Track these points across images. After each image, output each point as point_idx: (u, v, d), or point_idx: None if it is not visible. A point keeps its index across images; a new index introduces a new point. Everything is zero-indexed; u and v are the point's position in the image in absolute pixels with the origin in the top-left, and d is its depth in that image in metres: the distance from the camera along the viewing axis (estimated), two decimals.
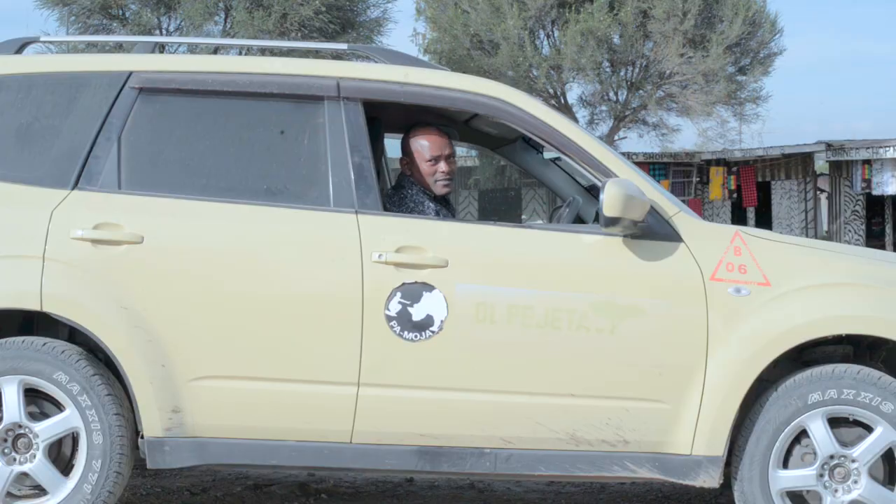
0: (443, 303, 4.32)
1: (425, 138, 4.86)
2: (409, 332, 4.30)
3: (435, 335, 4.31)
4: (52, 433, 4.39)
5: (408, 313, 4.30)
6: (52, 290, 4.36)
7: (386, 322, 4.30)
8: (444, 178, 4.84)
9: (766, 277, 4.35)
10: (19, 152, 4.55)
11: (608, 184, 4.21)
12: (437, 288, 4.32)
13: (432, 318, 4.31)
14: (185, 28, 17.40)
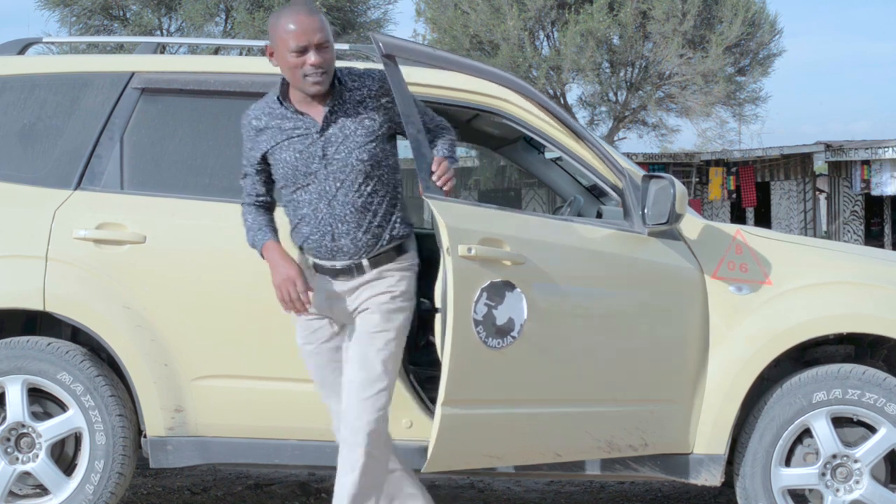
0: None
1: (290, 20, 3.81)
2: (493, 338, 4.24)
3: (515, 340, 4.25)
4: (55, 433, 4.40)
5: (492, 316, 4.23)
6: (55, 289, 4.37)
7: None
8: (315, 72, 3.81)
9: (767, 276, 4.35)
10: (22, 153, 4.56)
11: (652, 181, 4.21)
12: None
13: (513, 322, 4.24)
14: (186, 29, 17.41)
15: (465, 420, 3.97)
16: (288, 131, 3.91)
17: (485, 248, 3.95)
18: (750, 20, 20.26)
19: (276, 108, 3.94)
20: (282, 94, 3.93)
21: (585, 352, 4.22)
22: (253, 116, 3.98)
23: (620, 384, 4.29)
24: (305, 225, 3.91)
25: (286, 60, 3.84)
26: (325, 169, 3.87)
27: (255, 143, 3.97)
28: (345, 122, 3.89)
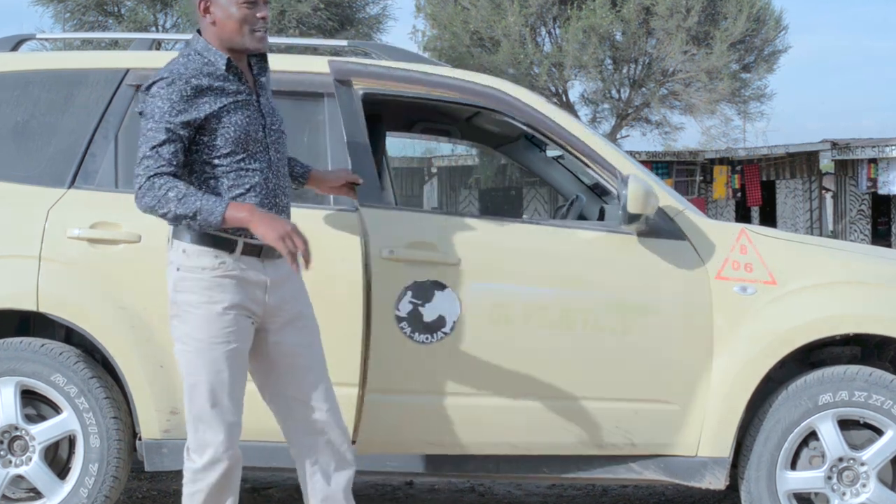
0: (456, 302, 4.25)
1: None
2: (420, 333, 4.24)
3: (447, 336, 4.24)
4: (48, 436, 4.35)
5: (419, 313, 4.24)
6: (49, 290, 4.32)
7: (395, 323, 4.24)
8: (264, 26, 3.68)
9: (772, 276, 4.30)
10: (15, 150, 4.52)
11: (631, 179, 4.14)
12: (448, 287, 4.25)
13: (444, 319, 4.25)
14: (182, 25, 17.41)
15: (389, 407, 4.21)
16: (233, 94, 3.64)
17: (407, 251, 4.23)
18: (755, 16, 20.21)
19: (216, 69, 3.63)
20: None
21: (535, 349, 4.27)
22: (190, 75, 3.57)
23: (587, 382, 4.28)
24: (255, 195, 3.64)
25: (231, 12, 3.60)
26: (267, 138, 3.72)
27: (193, 104, 3.54)
28: (267, 93, 3.80)
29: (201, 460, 3.64)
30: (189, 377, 3.63)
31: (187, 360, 3.63)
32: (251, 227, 3.51)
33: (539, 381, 4.29)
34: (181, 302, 3.62)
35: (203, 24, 3.69)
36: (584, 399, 4.30)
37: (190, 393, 3.64)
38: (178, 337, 3.65)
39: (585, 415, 4.31)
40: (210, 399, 3.61)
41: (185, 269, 3.61)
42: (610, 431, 4.30)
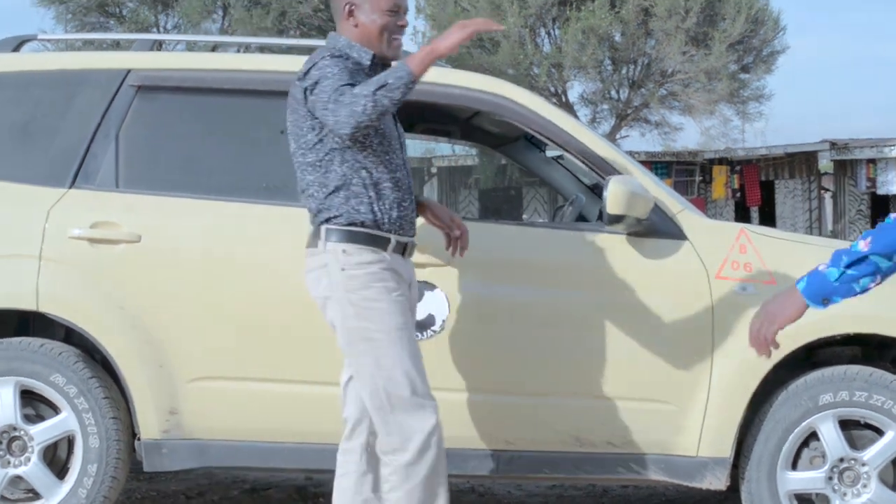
0: (444, 302, 4.27)
1: None
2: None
3: (437, 334, 4.26)
4: (47, 436, 4.34)
5: None
6: (49, 289, 4.32)
7: None
8: (402, 35, 3.83)
9: (771, 275, 4.30)
10: (16, 150, 4.53)
11: (611, 181, 4.15)
12: (438, 287, 4.26)
13: (433, 318, 4.26)
14: (183, 26, 17.44)
15: None
16: None
17: None
18: (753, 17, 20.22)
19: (362, 65, 3.72)
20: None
21: (526, 348, 4.29)
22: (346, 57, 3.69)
23: (583, 381, 4.30)
24: (397, 189, 3.74)
25: (374, 19, 3.72)
26: (399, 139, 3.85)
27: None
28: None
29: (410, 452, 3.66)
30: (382, 372, 3.64)
31: (378, 355, 3.65)
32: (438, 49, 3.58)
33: (533, 380, 4.30)
34: (357, 299, 3.65)
35: (345, 26, 3.77)
36: (581, 397, 4.31)
37: (385, 387, 3.64)
38: (360, 337, 3.67)
39: (582, 413, 4.32)
40: (410, 386, 3.65)
41: (350, 267, 3.65)
42: (608, 431, 4.30)
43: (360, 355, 3.68)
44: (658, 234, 4.34)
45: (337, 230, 3.68)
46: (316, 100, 3.60)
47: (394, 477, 3.70)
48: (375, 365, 3.65)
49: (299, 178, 3.77)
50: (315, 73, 3.62)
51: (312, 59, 3.68)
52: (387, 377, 3.64)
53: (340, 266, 3.66)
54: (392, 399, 3.65)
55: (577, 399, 4.32)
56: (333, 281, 3.67)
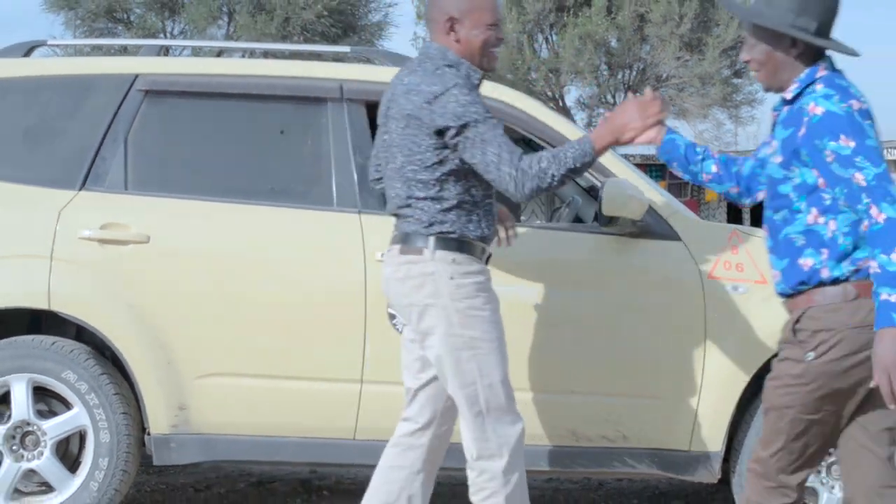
0: None
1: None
2: None
3: None
4: (59, 431, 4.43)
5: None
6: (60, 289, 4.40)
7: (389, 320, 4.35)
8: (499, 47, 3.84)
9: (763, 275, 4.37)
10: (27, 154, 4.60)
11: (607, 183, 4.26)
12: None
13: None
14: (189, 31, 17.45)
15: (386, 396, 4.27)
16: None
17: None
18: None
19: (472, 81, 3.74)
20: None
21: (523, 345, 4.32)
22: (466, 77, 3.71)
23: (579, 378, 4.38)
24: (493, 206, 3.83)
25: (476, 35, 3.72)
26: None
27: None
28: None
29: (505, 458, 3.74)
30: (484, 379, 3.70)
31: (480, 362, 3.70)
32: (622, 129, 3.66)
33: (529, 376, 4.36)
34: (464, 308, 3.69)
35: (445, 39, 3.75)
36: (577, 394, 4.40)
37: (486, 396, 3.70)
38: (464, 345, 3.70)
39: (578, 409, 4.41)
40: (506, 394, 3.73)
41: (458, 276, 3.69)
42: (603, 426, 4.40)
43: (464, 362, 3.70)
44: (652, 235, 4.42)
45: (448, 240, 3.70)
46: (470, 146, 3.62)
47: (492, 483, 3.75)
48: (478, 373, 3.70)
49: (398, 188, 3.74)
50: (457, 108, 3.60)
51: (435, 80, 3.65)
52: (488, 385, 3.70)
53: (449, 275, 3.68)
54: (490, 406, 3.71)
55: (573, 395, 4.41)
56: (440, 289, 3.69)
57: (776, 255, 3.27)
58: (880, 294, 3.01)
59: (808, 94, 3.18)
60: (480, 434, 3.73)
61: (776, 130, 3.28)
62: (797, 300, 3.21)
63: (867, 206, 3.04)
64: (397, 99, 3.72)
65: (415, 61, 3.81)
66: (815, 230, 3.17)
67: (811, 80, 3.21)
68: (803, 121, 3.15)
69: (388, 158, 3.77)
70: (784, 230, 3.22)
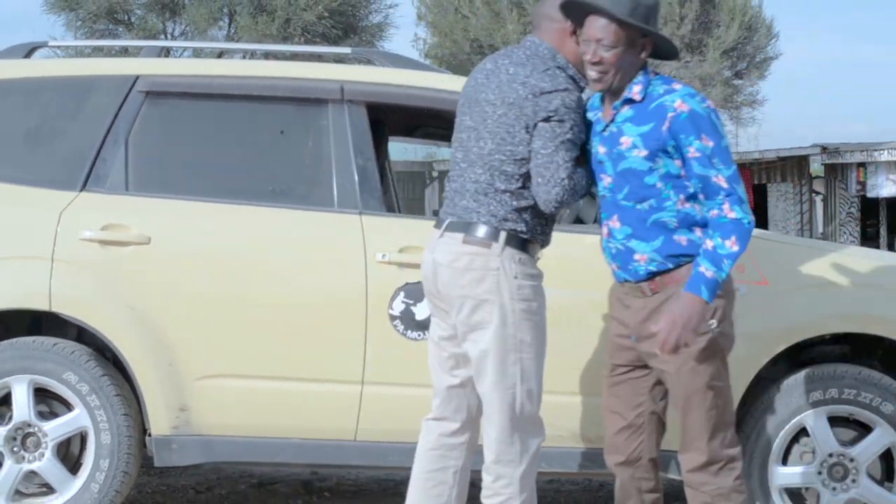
0: None
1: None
2: (413, 330, 4.34)
3: None
4: (60, 432, 4.43)
5: (411, 312, 4.33)
6: (61, 290, 4.41)
7: (390, 321, 4.35)
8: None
9: (763, 276, 4.38)
10: (28, 155, 4.60)
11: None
12: None
13: None
14: (190, 33, 17.45)
15: (387, 397, 4.31)
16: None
17: (399, 255, 4.32)
18: (747, 24, 20.32)
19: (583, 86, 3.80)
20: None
21: None
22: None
23: (577, 378, 4.36)
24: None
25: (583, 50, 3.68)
26: None
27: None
28: None
29: (525, 464, 3.75)
30: (524, 384, 3.72)
31: (524, 367, 3.72)
32: None
33: None
34: (521, 309, 3.69)
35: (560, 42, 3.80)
36: (578, 395, 4.40)
37: (522, 400, 3.72)
38: (512, 346, 3.70)
39: (579, 411, 4.40)
40: (538, 403, 3.77)
41: (522, 276, 3.70)
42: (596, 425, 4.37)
43: (510, 364, 3.70)
44: None
45: (519, 239, 3.71)
46: (549, 137, 3.64)
47: (508, 490, 3.75)
48: (521, 377, 3.71)
49: (480, 173, 3.74)
50: (560, 106, 3.64)
51: (546, 78, 3.68)
52: (526, 390, 3.71)
53: (514, 273, 3.68)
54: (524, 411, 3.72)
55: (574, 396, 4.41)
56: (502, 286, 3.68)
57: (642, 239, 3.57)
58: (699, 265, 3.47)
59: (668, 93, 3.52)
60: (507, 438, 3.73)
61: (624, 127, 3.56)
62: (675, 274, 3.57)
63: (721, 202, 3.49)
64: (499, 86, 3.73)
65: (520, 54, 3.81)
66: (686, 212, 3.55)
67: (648, 80, 3.58)
68: (667, 116, 3.48)
69: (471, 143, 3.78)
70: (653, 216, 3.55)
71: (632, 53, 3.58)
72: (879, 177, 20.79)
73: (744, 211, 3.50)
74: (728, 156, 3.51)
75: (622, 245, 3.62)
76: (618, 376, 3.80)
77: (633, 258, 3.60)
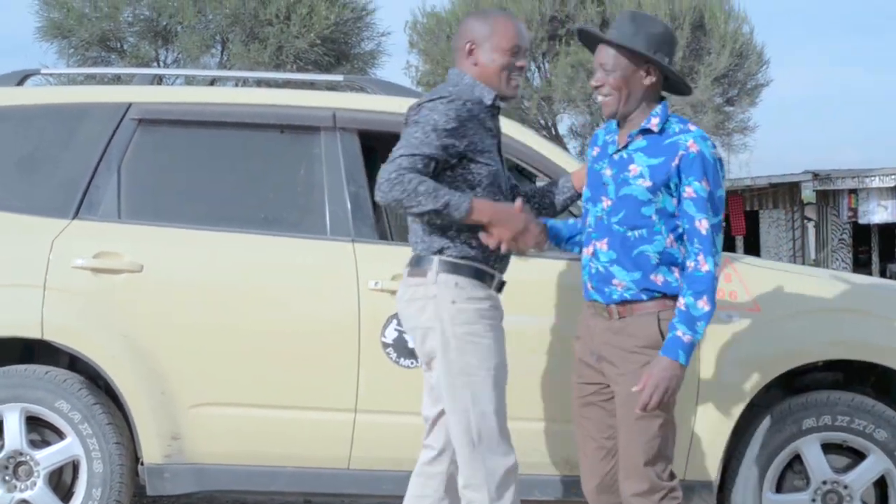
0: None
1: (506, 22, 3.82)
2: (406, 358, 4.34)
3: None
4: (52, 461, 4.42)
5: (404, 340, 4.32)
6: (53, 318, 4.41)
7: (382, 349, 4.35)
8: (520, 75, 3.86)
9: (756, 303, 4.38)
10: (21, 182, 4.60)
11: None
12: None
13: None
14: (183, 60, 17.46)
15: (380, 425, 4.29)
16: (490, 131, 3.81)
17: (391, 283, 4.30)
18: (738, 51, 20.37)
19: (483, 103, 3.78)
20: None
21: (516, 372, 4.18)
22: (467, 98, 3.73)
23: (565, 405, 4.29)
24: None
25: (494, 59, 3.77)
26: (507, 180, 3.91)
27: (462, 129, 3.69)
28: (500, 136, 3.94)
29: (493, 490, 3.72)
30: (476, 407, 3.70)
31: (475, 390, 3.70)
32: (492, 223, 3.64)
33: (523, 405, 4.33)
34: (463, 334, 3.70)
35: (465, 64, 3.83)
36: (571, 423, 4.39)
37: (478, 424, 3.70)
38: (458, 371, 3.71)
39: (572, 438, 4.39)
40: (499, 424, 3.73)
41: (461, 300, 3.70)
42: None
43: (459, 389, 3.71)
44: None
45: (450, 262, 3.72)
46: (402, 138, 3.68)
47: None
48: (472, 400, 3.70)
49: None
50: (423, 112, 3.67)
51: (433, 94, 3.73)
52: (481, 413, 3.70)
53: (451, 299, 3.70)
54: (483, 435, 3.71)
55: (567, 424, 4.40)
56: (441, 313, 3.71)
57: (624, 267, 3.63)
58: (676, 329, 3.53)
59: (683, 132, 3.58)
60: (469, 462, 3.74)
61: (636, 156, 3.61)
62: (646, 305, 3.62)
63: (698, 251, 3.55)
64: None
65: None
66: (670, 252, 3.61)
67: (667, 115, 3.63)
68: (678, 154, 3.55)
69: None
70: (640, 247, 3.61)
71: (635, 79, 3.63)
72: (871, 203, 20.84)
73: (715, 263, 3.56)
74: (720, 206, 3.59)
75: (603, 267, 3.67)
76: (586, 397, 3.82)
77: (612, 282, 3.65)
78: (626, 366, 3.62)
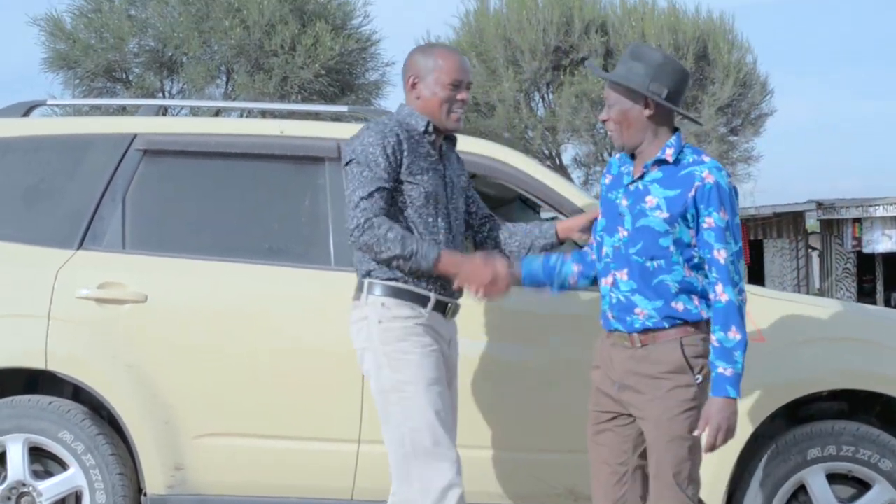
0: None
1: (448, 57, 3.96)
2: None
3: None
4: (55, 492, 4.42)
5: None
6: (57, 348, 4.41)
7: None
8: (462, 109, 3.96)
9: (760, 333, 4.37)
10: (26, 213, 4.61)
11: None
12: None
13: None
14: (188, 91, 17.51)
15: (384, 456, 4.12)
16: (424, 155, 3.90)
17: None
18: (741, 81, 20.43)
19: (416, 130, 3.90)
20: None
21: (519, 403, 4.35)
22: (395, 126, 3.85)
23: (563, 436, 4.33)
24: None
25: (435, 91, 3.90)
26: (448, 205, 3.96)
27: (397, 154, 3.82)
28: (452, 166, 4.03)
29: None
30: (407, 422, 3.74)
31: (404, 406, 3.74)
32: (459, 275, 3.76)
33: (528, 436, 4.36)
34: (391, 351, 3.76)
35: (409, 97, 3.96)
36: (575, 453, 4.36)
37: (411, 438, 3.73)
38: (390, 387, 3.77)
39: (576, 468, 4.35)
40: (432, 439, 3.73)
41: (387, 320, 3.78)
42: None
43: (390, 405, 3.77)
44: None
45: (378, 284, 3.81)
46: (347, 179, 3.81)
47: None
48: (403, 415, 3.74)
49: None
50: (357, 146, 3.80)
51: (372, 125, 3.84)
52: (412, 427, 3.72)
53: (378, 319, 3.79)
54: (416, 449, 3.72)
55: (572, 455, 4.39)
56: (371, 333, 3.80)
57: (645, 296, 3.66)
58: (717, 367, 3.58)
59: (697, 164, 3.62)
60: (404, 477, 3.77)
61: (652, 187, 3.65)
62: (668, 332, 3.64)
63: (716, 281, 3.60)
64: None
65: None
66: (689, 281, 3.65)
67: (681, 146, 3.66)
68: (694, 185, 3.60)
69: None
70: (660, 277, 3.64)
71: (634, 112, 3.68)
72: (875, 232, 20.83)
73: (737, 290, 3.60)
74: (737, 233, 3.64)
75: (624, 297, 3.70)
76: (602, 424, 3.81)
77: (634, 311, 3.68)
78: (653, 392, 3.64)
